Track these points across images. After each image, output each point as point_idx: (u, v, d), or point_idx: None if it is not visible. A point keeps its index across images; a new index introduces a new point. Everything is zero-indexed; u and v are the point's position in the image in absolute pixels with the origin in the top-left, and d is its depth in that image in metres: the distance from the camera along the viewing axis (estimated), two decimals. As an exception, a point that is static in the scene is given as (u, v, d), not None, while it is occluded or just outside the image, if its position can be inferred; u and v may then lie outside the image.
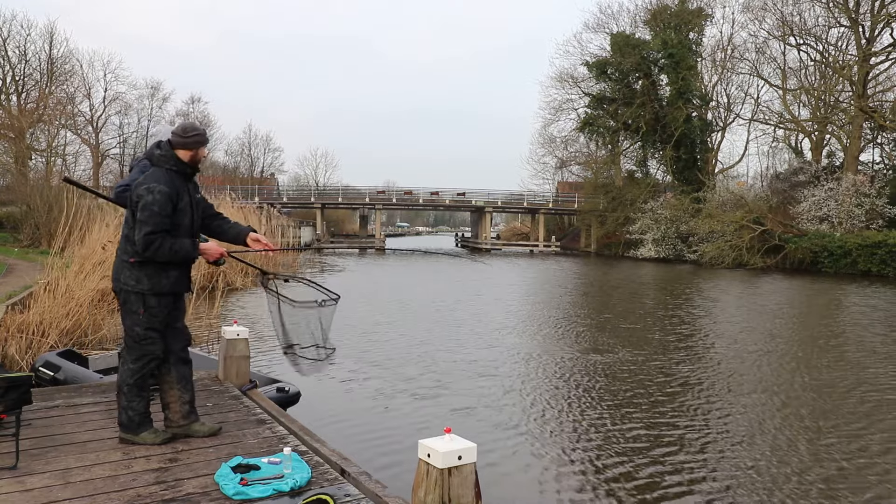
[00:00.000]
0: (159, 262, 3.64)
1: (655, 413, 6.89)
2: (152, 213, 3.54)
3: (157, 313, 3.71)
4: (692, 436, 6.19)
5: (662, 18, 43.51)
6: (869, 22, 33.68)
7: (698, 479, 5.15)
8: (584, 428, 6.41)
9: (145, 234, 3.53)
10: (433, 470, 2.62)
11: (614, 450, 5.78)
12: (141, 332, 3.67)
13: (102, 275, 9.43)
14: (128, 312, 3.70)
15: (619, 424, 6.51)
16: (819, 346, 10.86)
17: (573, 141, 51.36)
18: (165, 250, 3.59)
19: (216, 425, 4.00)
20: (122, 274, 3.68)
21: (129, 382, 3.68)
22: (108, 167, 50.85)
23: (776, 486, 5.03)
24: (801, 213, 32.89)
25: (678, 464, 5.46)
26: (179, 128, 3.77)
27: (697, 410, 7.03)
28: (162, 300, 3.72)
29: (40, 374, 5.83)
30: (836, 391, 7.93)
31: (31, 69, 40.76)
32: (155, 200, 3.55)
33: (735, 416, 6.83)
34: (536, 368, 8.92)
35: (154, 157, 3.73)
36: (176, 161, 3.73)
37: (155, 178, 3.63)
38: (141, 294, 3.65)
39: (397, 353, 9.67)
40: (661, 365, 9.17)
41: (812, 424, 6.59)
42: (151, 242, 3.54)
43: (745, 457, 5.63)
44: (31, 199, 21.67)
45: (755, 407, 7.18)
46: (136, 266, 3.64)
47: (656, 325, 12.88)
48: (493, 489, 4.72)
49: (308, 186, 65.99)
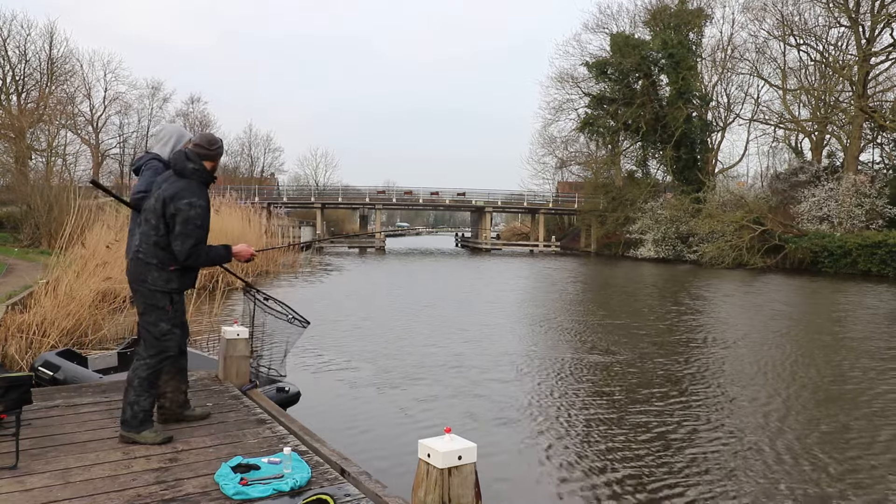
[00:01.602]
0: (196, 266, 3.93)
1: (656, 413, 6.88)
2: (196, 226, 3.76)
3: (180, 307, 3.98)
4: (693, 436, 6.18)
5: (662, 18, 43.49)
6: (869, 22, 33.67)
7: (699, 480, 5.15)
8: (585, 428, 6.41)
9: (190, 246, 3.76)
10: (433, 470, 2.62)
11: (614, 450, 5.78)
12: (166, 328, 3.86)
13: (104, 276, 9.44)
14: (153, 309, 3.86)
15: (620, 424, 6.51)
16: (819, 346, 10.85)
17: (573, 141, 51.37)
18: (203, 258, 3.86)
19: (207, 410, 4.28)
20: (150, 276, 3.84)
21: (142, 376, 3.78)
22: (109, 167, 50.87)
23: (776, 486, 5.02)
24: (801, 213, 32.89)
25: (679, 464, 5.46)
26: (204, 140, 3.92)
27: (697, 411, 7.03)
28: (183, 295, 4.01)
29: (40, 373, 5.84)
30: (836, 391, 7.93)
31: (32, 69, 40.73)
32: (198, 215, 3.76)
33: (735, 417, 6.82)
34: (536, 368, 8.92)
35: (188, 170, 3.85)
36: (207, 174, 3.91)
37: (194, 192, 3.80)
38: (168, 293, 3.86)
39: (397, 353, 9.67)
40: (662, 365, 9.17)
41: (813, 424, 6.59)
42: (193, 254, 3.79)
43: (746, 457, 5.63)
44: (31, 199, 21.65)
45: (756, 407, 7.17)
46: (174, 271, 3.85)
47: (656, 326, 12.87)
48: (493, 489, 4.72)
49: (308, 186, 66.02)
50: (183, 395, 4.15)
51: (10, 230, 23.18)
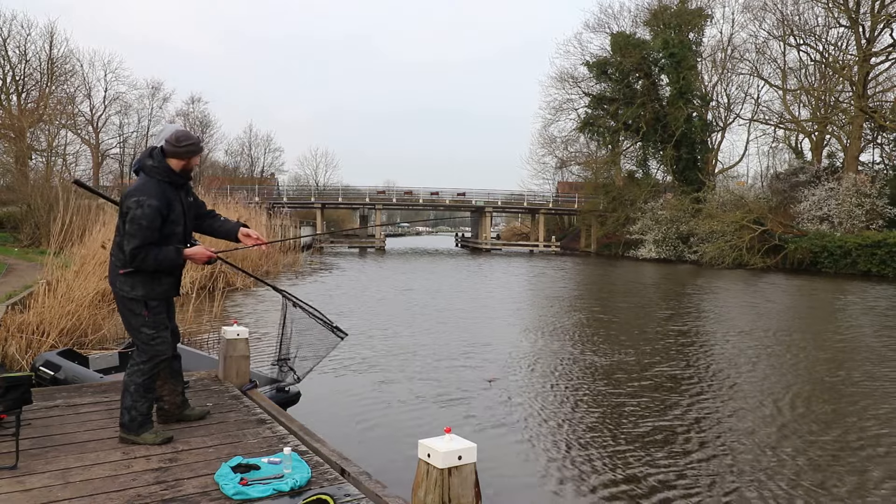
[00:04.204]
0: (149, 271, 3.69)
1: (656, 413, 6.88)
2: (140, 227, 3.55)
3: (159, 311, 3.81)
4: (693, 436, 6.18)
5: (663, 18, 43.49)
6: (869, 22, 33.69)
7: (699, 481, 5.14)
8: (585, 427, 6.41)
9: (132, 248, 3.57)
10: (433, 470, 2.62)
11: (615, 450, 5.78)
12: (149, 333, 3.75)
13: (102, 275, 9.43)
14: (131, 315, 3.76)
15: (620, 424, 6.51)
16: (819, 346, 10.85)
17: (573, 141, 51.35)
18: (150, 261, 3.63)
19: (205, 410, 4.28)
20: (117, 280, 3.74)
21: (138, 382, 3.74)
22: (109, 167, 50.79)
23: (777, 486, 5.02)
24: (801, 213, 32.89)
25: (679, 465, 5.46)
26: (173, 136, 3.74)
27: (698, 411, 7.02)
28: (162, 302, 3.84)
29: (40, 373, 5.83)
30: (837, 391, 7.92)
31: (32, 69, 40.67)
32: (144, 214, 3.55)
33: (736, 417, 6.82)
34: (537, 369, 8.92)
35: (146, 167, 3.69)
36: (167, 172, 3.71)
37: (145, 190, 3.61)
38: (136, 299, 3.73)
39: (397, 353, 9.67)
40: (662, 366, 9.17)
41: (813, 424, 6.59)
42: (136, 255, 3.59)
43: (746, 457, 5.63)
44: (31, 198, 21.67)
45: (756, 408, 7.17)
46: (128, 275, 3.69)
47: (657, 326, 12.87)
48: (492, 489, 4.72)
49: (308, 186, 66.00)
50: (180, 397, 4.15)
51: (10, 230, 23.19)
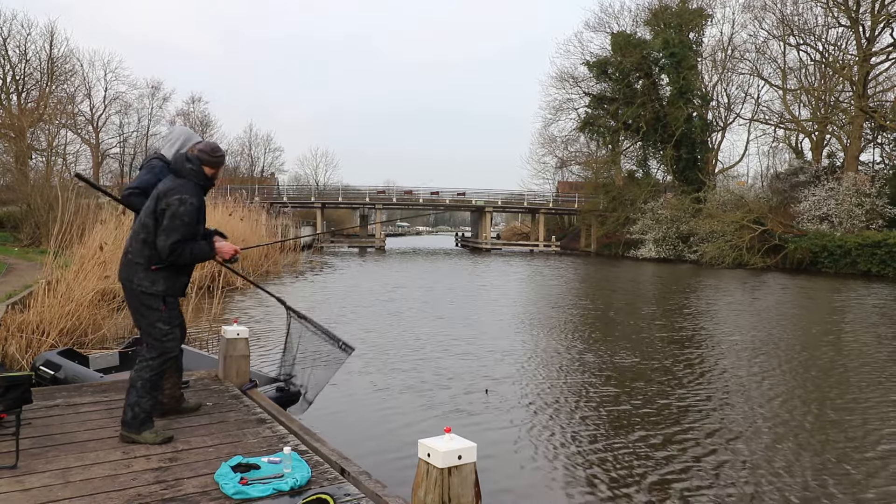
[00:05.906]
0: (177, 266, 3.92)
1: (657, 413, 6.88)
2: (183, 223, 3.78)
3: (174, 307, 4.01)
4: (693, 437, 6.18)
5: (663, 18, 43.49)
6: (869, 22, 33.67)
7: (699, 481, 5.14)
8: (585, 428, 6.41)
9: (173, 242, 3.77)
10: (433, 469, 2.62)
11: (615, 450, 5.77)
12: (164, 329, 3.89)
13: (103, 274, 9.42)
14: (147, 311, 3.90)
15: (621, 424, 6.51)
16: (819, 347, 10.85)
17: (573, 141, 51.35)
18: (187, 255, 3.86)
19: (198, 401, 4.48)
20: (136, 276, 3.87)
21: (146, 377, 3.81)
22: (109, 167, 50.81)
23: (777, 486, 5.02)
24: (801, 212, 32.89)
25: (679, 465, 5.46)
26: (208, 147, 4.03)
27: (698, 411, 7.02)
28: (175, 298, 4.04)
29: (40, 373, 5.83)
30: (837, 392, 7.93)
31: (32, 69, 40.70)
32: (186, 212, 3.80)
33: (736, 417, 6.82)
34: (537, 369, 8.92)
35: (185, 170, 3.93)
36: (203, 176, 3.98)
37: (188, 190, 3.86)
38: (155, 295, 3.88)
39: (397, 353, 9.67)
40: (663, 366, 9.17)
41: (813, 424, 6.59)
42: (175, 249, 3.79)
43: (747, 458, 5.63)
44: (31, 198, 21.65)
45: (756, 408, 7.17)
46: (157, 271, 3.86)
47: (657, 326, 12.87)
48: (493, 489, 4.72)
49: (308, 186, 65.98)
50: (179, 391, 4.32)
51: (10, 230, 23.18)
